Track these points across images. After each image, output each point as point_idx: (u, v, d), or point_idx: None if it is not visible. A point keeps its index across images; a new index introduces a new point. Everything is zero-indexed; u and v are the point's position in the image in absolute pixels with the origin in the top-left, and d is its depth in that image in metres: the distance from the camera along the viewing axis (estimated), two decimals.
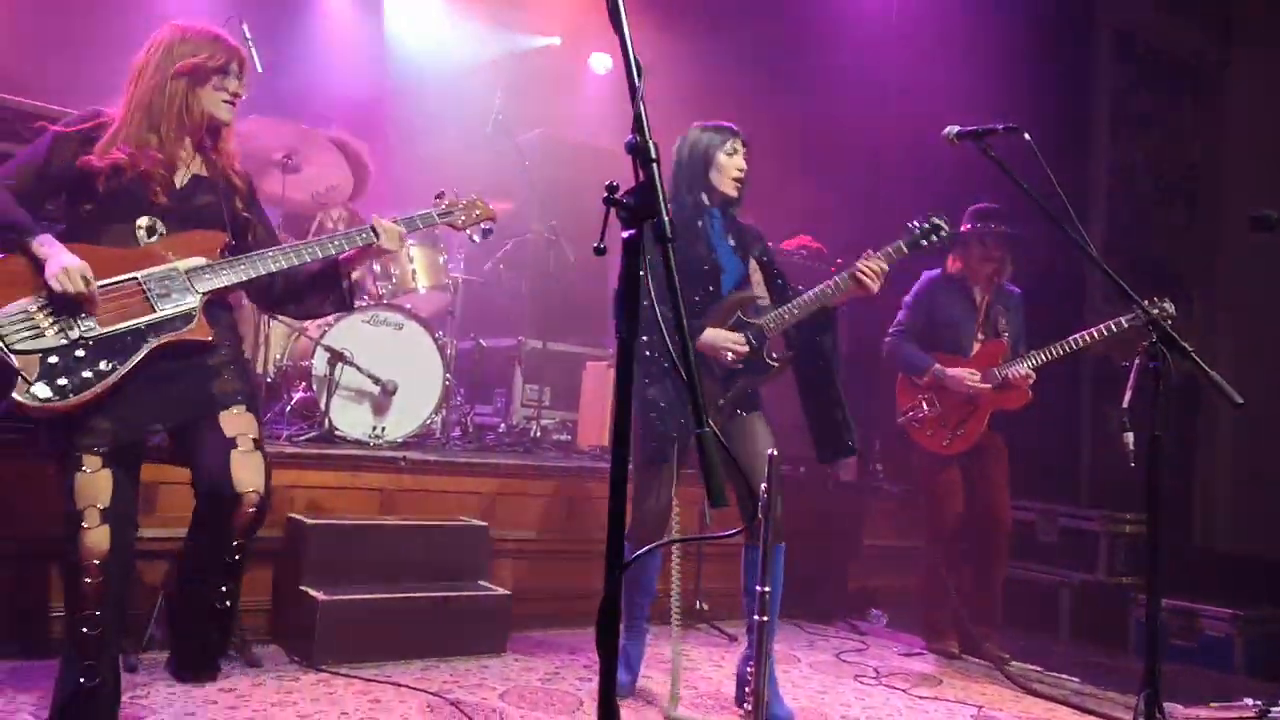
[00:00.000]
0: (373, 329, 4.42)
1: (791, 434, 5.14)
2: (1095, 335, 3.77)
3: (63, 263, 2.09)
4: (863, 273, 2.99)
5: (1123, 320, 3.68)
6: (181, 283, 2.23)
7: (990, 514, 4.06)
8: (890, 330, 4.24)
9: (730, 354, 2.99)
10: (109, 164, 2.21)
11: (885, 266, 3.04)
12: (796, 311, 3.07)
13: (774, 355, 3.10)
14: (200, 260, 2.27)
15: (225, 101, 2.32)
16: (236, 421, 2.29)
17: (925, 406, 4.07)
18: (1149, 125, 6.61)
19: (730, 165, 3.13)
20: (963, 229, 4.11)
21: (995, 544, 4.08)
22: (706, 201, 3.13)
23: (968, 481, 4.10)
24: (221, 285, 2.28)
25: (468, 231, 2.74)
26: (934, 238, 3.18)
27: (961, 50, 5.77)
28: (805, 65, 6.38)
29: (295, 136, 4.59)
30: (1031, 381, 3.90)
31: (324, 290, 2.55)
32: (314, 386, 4.31)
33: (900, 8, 6.28)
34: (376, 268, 4.93)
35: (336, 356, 4.24)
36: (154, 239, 2.24)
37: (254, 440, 2.29)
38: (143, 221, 2.23)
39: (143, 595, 3.23)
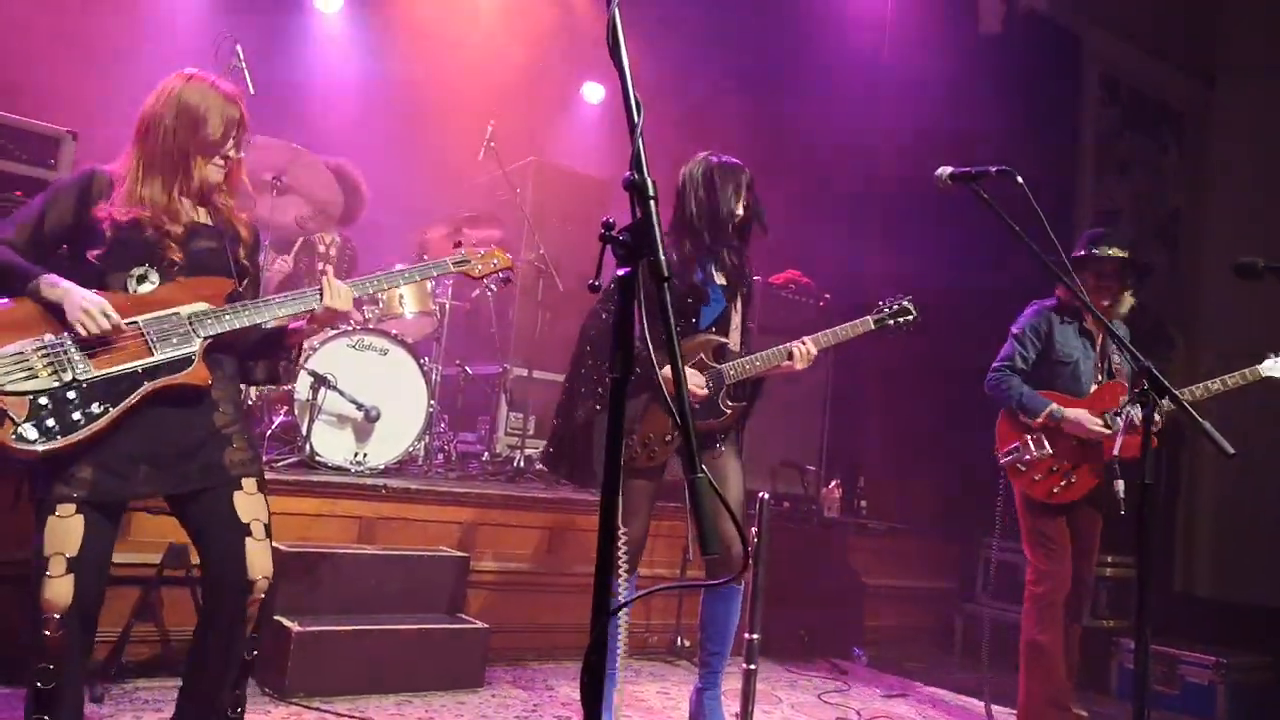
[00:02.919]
0: (357, 353, 4.37)
1: (778, 470, 5.14)
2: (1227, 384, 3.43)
3: (80, 303, 2.06)
4: (795, 350, 3.08)
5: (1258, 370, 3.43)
6: (183, 327, 2.19)
7: (1078, 575, 3.60)
8: (995, 364, 3.72)
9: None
10: (131, 219, 2.18)
11: (813, 351, 3.09)
12: (759, 364, 3.09)
13: (728, 402, 3.07)
14: (204, 306, 2.23)
15: (217, 166, 2.29)
16: (251, 504, 2.25)
17: (1033, 448, 3.56)
18: (1133, 168, 6.69)
19: (738, 208, 3.11)
20: (1076, 254, 3.60)
21: (1077, 608, 3.64)
22: (706, 234, 3.11)
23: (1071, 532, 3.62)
24: (224, 330, 2.24)
25: (486, 281, 2.68)
26: (901, 321, 3.22)
27: (950, 90, 5.83)
28: (794, 102, 6.42)
29: (285, 157, 4.57)
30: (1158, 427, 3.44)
31: (268, 356, 2.47)
32: (295, 411, 4.25)
33: (891, 47, 6.35)
34: None
35: (320, 381, 4.19)
36: (143, 286, 2.20)
37: (265, 527, 2.26)
38: (135, 271, 2.20)
39: (113, 623, 3.15)
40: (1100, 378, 3.65)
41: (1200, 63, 6.86)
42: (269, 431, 4.40)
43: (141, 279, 2.21)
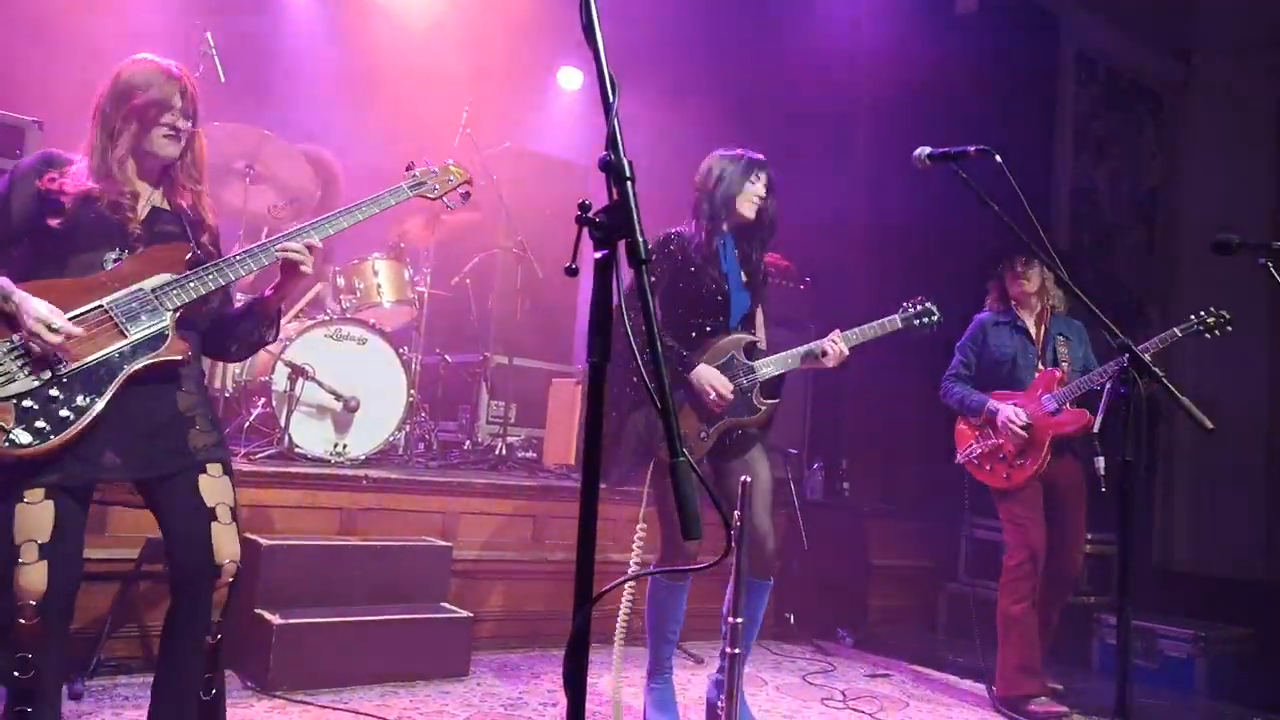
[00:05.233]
0: (335, 344, 4.33)
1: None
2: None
3: (25, 322, 2.00)
4: (829, 349, 3.10)
5: (1176, 331, 3.61)
6: (150, 302, 2.15)
7: (1061, 557, 3.79)
8: (944, 375, 4.07)
9: (713, 396, 2.99)
10: (81, 191, 2.16)
11: (845, 350, 3.11)
12: (791, 362, 3.12)
13: (762, 399, 3.11)
14: (167, 276, 2.19)
15: (165, 136, 2.24)
16: (216, 488, 2.22)
17: (980, 441, 3.88)
18: (1110, 147, 6.72)
19: (751, 193, 3.12)
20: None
21: (1060, 587, 3.83)
22: (725, 229, 3.14)
23: (1047, 513, 3.80)
24: (191, 299, 2.20)
25: (445, 199, 2.60)
26: (925, 320, 3.24)
27: (927, 70, 5.81)
28: (768, 83, 6.39)
29: (257, 143, 4.50)
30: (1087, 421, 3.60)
31: (246, 331, 2.42)
32: (273, 402, 4.20)
33: (866, 27, 6.32)
34: (341, 281, 4.84)
35: (297, 372, 4.14)
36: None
37: (231, 510, 2.23)
38: (110, 255, 2.18)
39: (91, 619, 3.12)
40: (1042, 366, 3.90)
41: (1177, 41, 6.88)
42: (246, 424, 4.36)
43: (116, 262, 2.18)
